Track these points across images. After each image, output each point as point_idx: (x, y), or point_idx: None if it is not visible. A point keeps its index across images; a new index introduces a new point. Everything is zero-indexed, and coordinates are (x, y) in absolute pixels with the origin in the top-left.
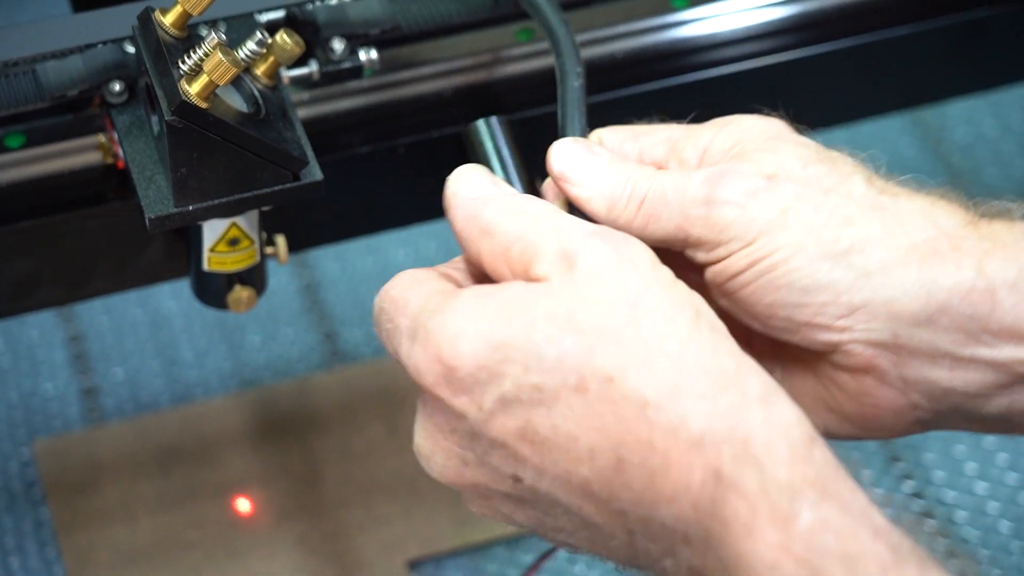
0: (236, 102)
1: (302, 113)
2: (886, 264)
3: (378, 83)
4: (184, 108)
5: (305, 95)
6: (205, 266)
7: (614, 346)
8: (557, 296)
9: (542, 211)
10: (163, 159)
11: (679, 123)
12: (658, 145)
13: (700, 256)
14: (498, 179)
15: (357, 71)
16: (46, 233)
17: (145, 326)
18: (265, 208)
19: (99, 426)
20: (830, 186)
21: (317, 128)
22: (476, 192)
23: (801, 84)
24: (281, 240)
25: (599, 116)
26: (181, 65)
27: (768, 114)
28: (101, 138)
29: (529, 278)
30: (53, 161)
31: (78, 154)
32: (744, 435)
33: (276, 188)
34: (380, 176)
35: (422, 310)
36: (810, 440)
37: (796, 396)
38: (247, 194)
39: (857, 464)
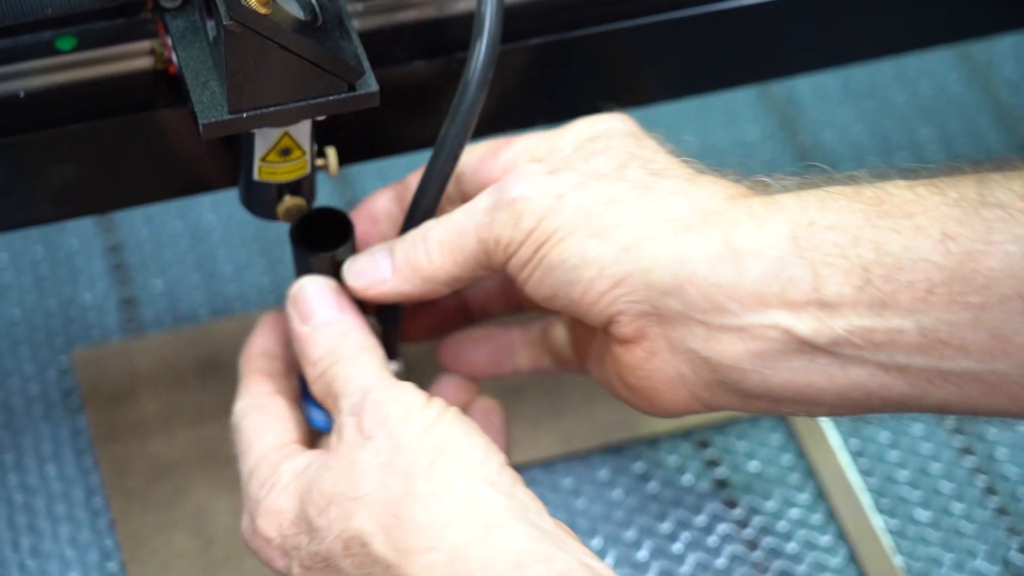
0: (294, 9)
1: (356, 24)
2: (641, 237)
3: None
4: (243, 14)
5: (359, 6)
6: (255, 175)
7: (366, 512)
8: (328, 468)
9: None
10: (218, 65)
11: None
12: (519, 155)
13: (500, 257)
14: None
15: None
16: (93, 138)
17: (184, 238)
18: (319, 118)
19: (137, 336)
20: (606, 172)
21: (370, 40)
22: (317, 316)
23: (846, 14)
24: (332, 152)
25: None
26: None
27: (611, 110)
28: (153, 44)
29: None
30: (104, 65)
31: (129, 59)
32: (465, 572)
33: (331, 98)
34: (434, 90)
35: (253, 474)
36: (525, 558)
37: (604, 373)
38: (302, 103)
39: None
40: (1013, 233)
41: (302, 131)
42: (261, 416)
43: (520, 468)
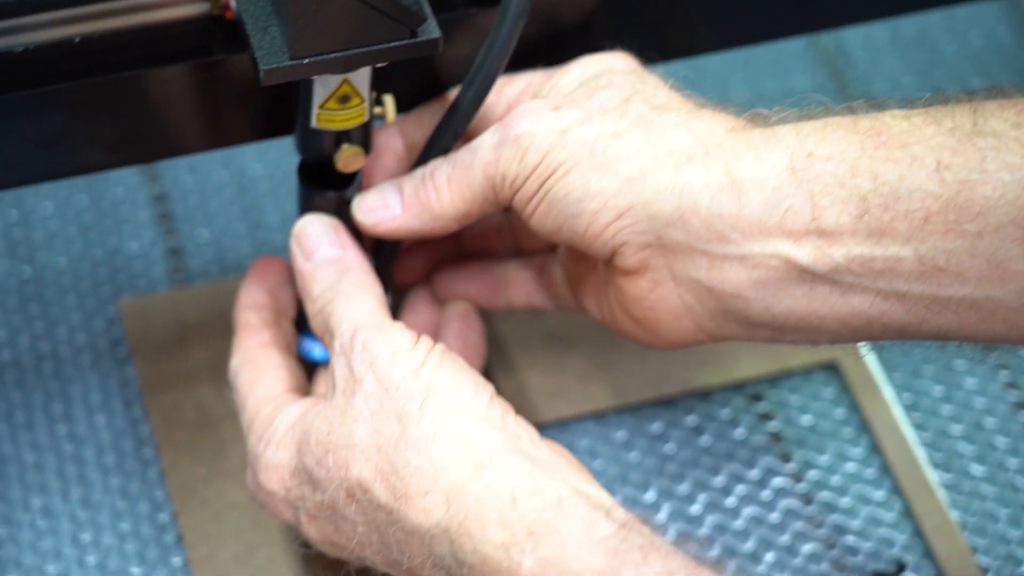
0: None
1: None
2: (644, 170)
3: None
4: None
5: None
6: (313, 123)
7: (362, 458)
8: (323, 416)
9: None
10: (279, 10)
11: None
12: (523, 93)
13: (507, 192)
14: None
15: None
16: (148, 85)
17: (230, 187)
18: (379, 65)
19: (185, 286)
20: (609, 107)
21: None
22: (320, 252)
23: None
24: (389, 99)
25: None
26: None
27: (611, 49)
28: None
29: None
30: (159, 11)
31: (184, 4)
32: (461, 517)
33: (393, 44)
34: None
35: (250, 429)
36: (519, 492)
37: (608, 308)
38: (363, 49)
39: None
40: (1006, 162)
41: (362, 78)
42: (252, 369)
43: (571, 420)
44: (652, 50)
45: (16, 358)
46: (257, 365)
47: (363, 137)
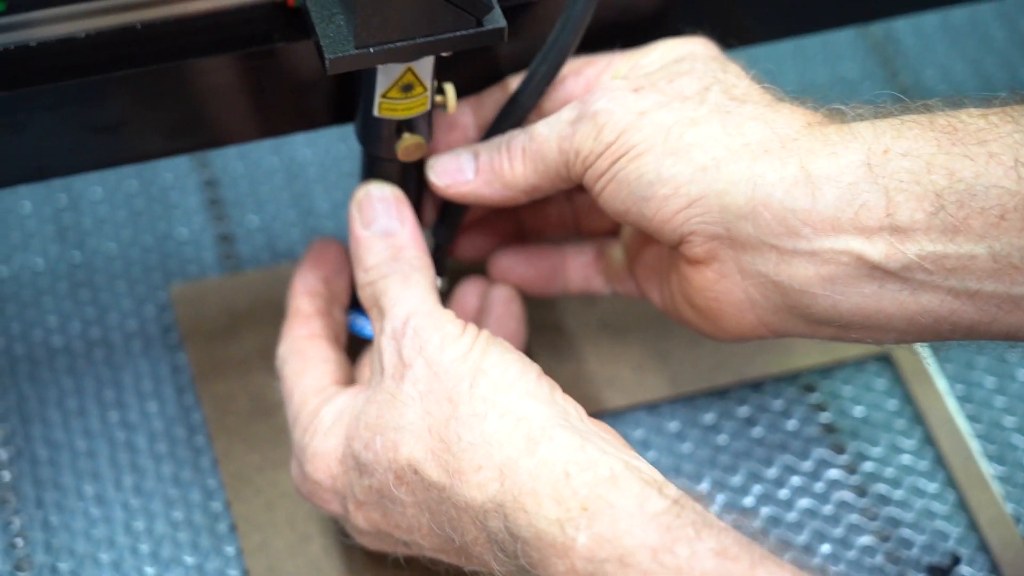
0: None
1: None
2: (719, 160)
3: None
4: None
5: None
6: (375, 112)
7: (412, 439)
8: (371, 401)
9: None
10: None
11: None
12: (602, 72)
13: (578, 168)
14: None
15: None
16: (207, 72)
17: (280, 174)
18: (444, 54)
19: (236, 273)
20: (688, 95)
21: None
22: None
23: None
24: (450, 88)
25: None
26: None
27: (693, 33)
28: None
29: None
30: None
31: None
32: (515, 490)
33: (459, 33)
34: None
35: (296, 420)
36: (571, 467)
37: (669, 295)
38: (429, 38)
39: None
40: None
41: (425, 67)
42: (300, 360)
43: (625, 410)
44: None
45: (67, 344)
46: (305, 356)
47: (425, 126)
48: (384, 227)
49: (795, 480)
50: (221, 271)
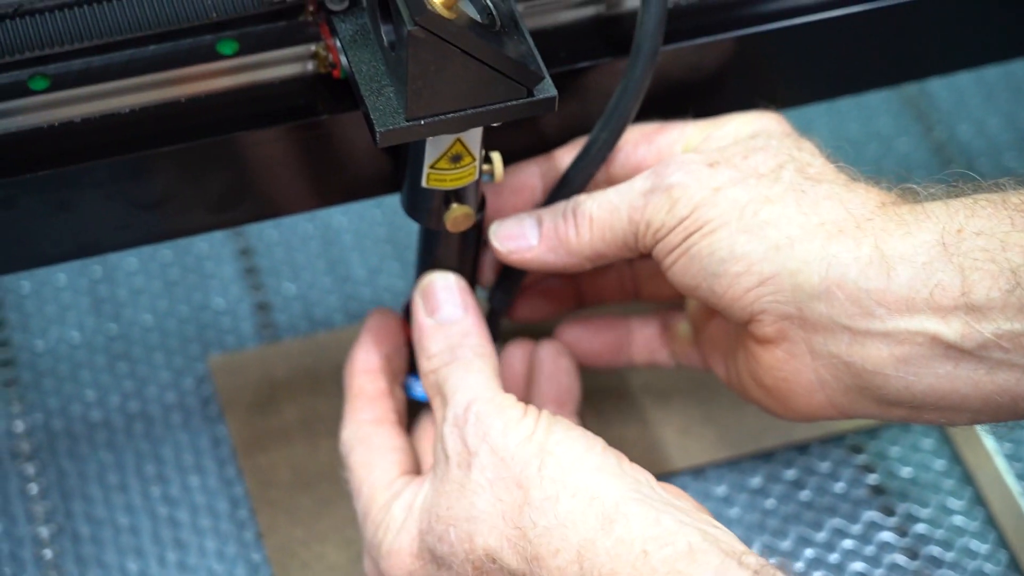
0: (470, 11)
1: None
2: (793, 238)
3: None
4: (429, 19)
5: (521, 6)
6: (423, 183)
7: (486, 529)
8: (440, 492)
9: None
10: (395, 71)
11: (689, 119)
12: (675, 143)
13: (648, 240)
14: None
15: None
16: (253, 146)
17: (315, 241)
18: (494, 124)
19: (274, 343)
20: (763, 172)
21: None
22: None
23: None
24: (497, 157)
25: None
26: None
27: (764, 108)
28: (317, 47)
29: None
30: (265, 70)
31: (290, 63)
32: (595, 573)
33: (510, 103)
34: (595, 91)
35: (367, 516)
36: (649, 544)
37: (736, 371)
38: (480, 109)
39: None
40: None
41: (473, 137)
42: (366, 451)
43: (671, 475)
44: (749, 100)
45: (106, 419)
46: (371, 445)
47: (472, 196)
48: (448, 315)
49: (846, 543)
50: (259, 341)
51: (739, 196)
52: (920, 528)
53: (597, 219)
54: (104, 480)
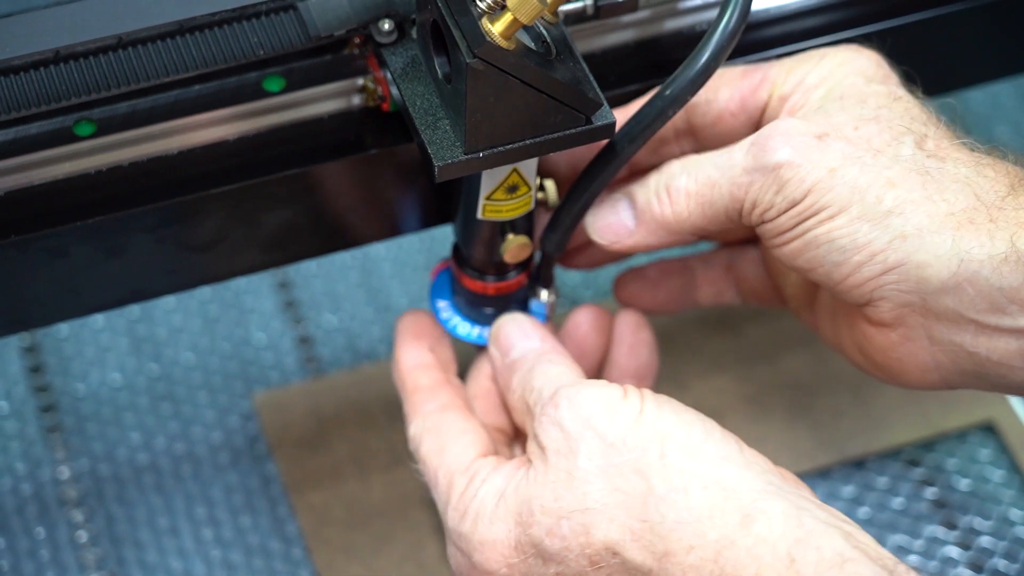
0: (525, 40)
1: None
2: (922, 229)
3: (653, 15)
4: (488, 50)
5: (568, 29)
6: (479, 214)
7: (604, 520)
8: (542, 483)
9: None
10: (451, 103)
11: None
12: (759, 87)
13: (754, 218)
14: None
15: (633, 3)
16: (303, 183)
17: (354, 271)
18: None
19: (319, 377)
20: (879, 147)
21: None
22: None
23: None
24: (551, 184)
25: None
26: (478, 2)
27: (862, 45)
28: (366, 80)
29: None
30: (313, 105)
31: (337, 98)
32: (735, 572)
33: (569, 132)
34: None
35: (448, 504)
36: (795, 546)
37: (836, 335)
38: (539, 139)
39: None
40: None
41: (530, 166)
42: (436, 438)
43: None
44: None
45: (153, 462)
46: (440, 432)
47: (528, 225)
48: (523, 349)
49: (911, 559)
50: (303, 375)
51: (858, 180)
52: (984, 541)
53: (696, 195)
54: (154, 524)
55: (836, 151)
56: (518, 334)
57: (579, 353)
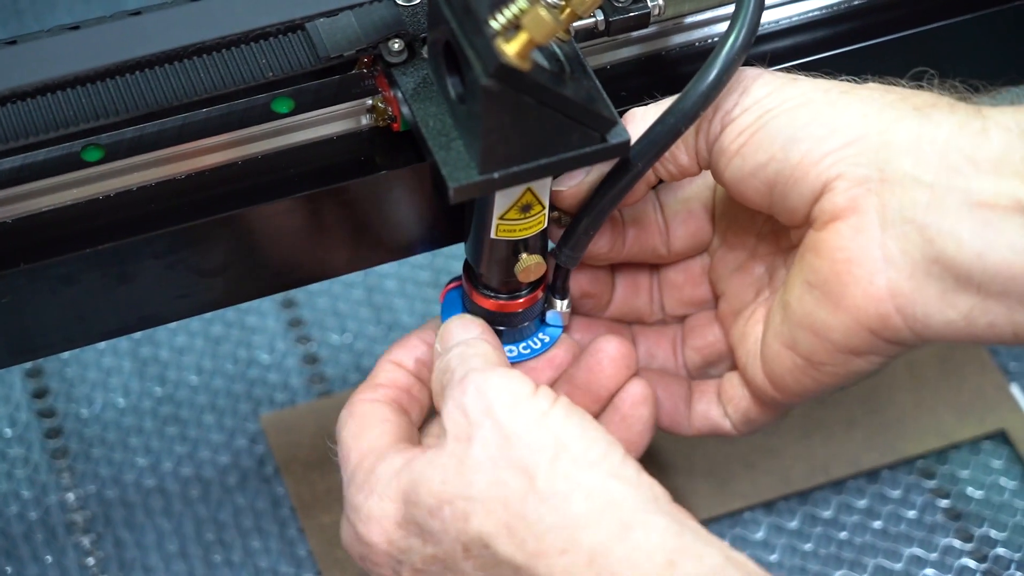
0: (538, 58)
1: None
2: (884, 106)
3: (662, 30)
4: (503, 70)
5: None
6: (492, 234)
7: (483, 511)
8: (434, 465)
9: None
10: (465, 123)
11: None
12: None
13: (715, 126)
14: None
15: (644, 19)
16: (314, 205)
17: (359, 288)
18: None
19: (326, 396)
20: (845, 88)
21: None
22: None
23: None
24: None
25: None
26: (492, 22)
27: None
28: (375, 100)
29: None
30: (322, 126)
31: (347, 118)
32: (609, 573)
33: (584, 151)
34: None
35: (352, 479)
36: (674, 556)
37: (789, 283)
38: (554, 158)
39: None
40: None
41: (543, 186)
42: (358, 423)
43: (740, 511)
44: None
45: (160, 484)
46: (364, 418)
47: (542, 244)
48: (458, 339)
49: (926, 572)
50: (310, 395)
51: (821, 83)
52: (1000, 551)
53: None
54: (163, 549)
55: (802, 79)
56: (459, 328)
57: (589, 381)
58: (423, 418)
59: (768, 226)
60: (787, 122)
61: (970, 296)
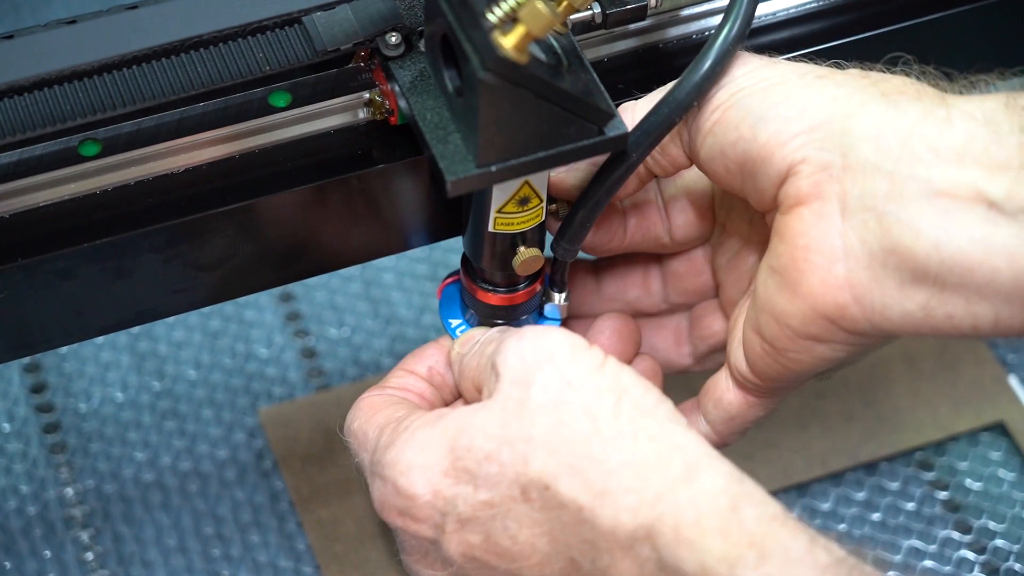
0: (536, 51)
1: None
2: (853, 91)
3: (659, 23)
4: (501, 63)
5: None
6: (490, 227)
7: (544, 452)
8: (489, 410)
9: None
10: (462, 116)
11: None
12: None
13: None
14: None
15: (641, 11)
16: (312, 199)
17: (356, 282)
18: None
19: (324, 390)
20: (822, 73)
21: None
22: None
23: None
24: None
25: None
26: (489, 15)
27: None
28: (372, 93)
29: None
30: (320, 120)
31: (344, 112)
32: (674, 519)
33: (581, 144)
34: None
35: (377, 445)
36: (738, 501)
37: (760, 268)
38: (552, 151)
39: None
40: None
41: (541, 179)
42: (366, 410)
43: None
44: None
45: (159, 479)
46: (373, 404)
47: (538, 238)
48: (481, 339)
49: (925, 563)
50: (308, 389)
51: (797, 66)
52: (998, 543)
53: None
54: (162, 543)
55: (780, 62)
56: (478, 333)
57: None
58: None
59: (759, 213)
60: (759, 101)
61: (927, 287)
